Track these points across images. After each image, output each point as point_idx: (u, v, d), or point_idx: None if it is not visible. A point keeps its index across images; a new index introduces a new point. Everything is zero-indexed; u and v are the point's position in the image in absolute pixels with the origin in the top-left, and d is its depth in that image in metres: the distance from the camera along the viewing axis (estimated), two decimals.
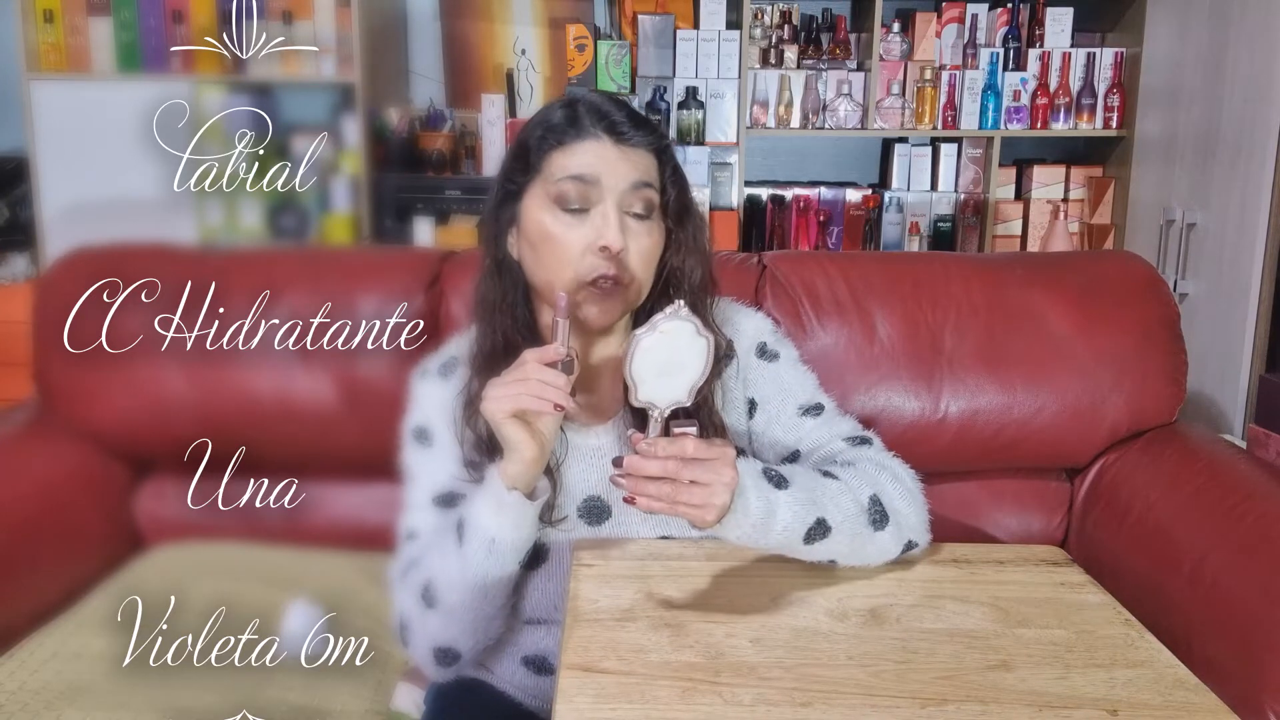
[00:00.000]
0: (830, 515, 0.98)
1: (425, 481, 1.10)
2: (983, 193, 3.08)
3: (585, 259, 1.02)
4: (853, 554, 1.01)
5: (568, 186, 1.03)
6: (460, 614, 1.02)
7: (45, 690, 1.16)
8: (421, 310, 1.46)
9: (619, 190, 1.03)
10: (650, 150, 1.06)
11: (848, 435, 1.13)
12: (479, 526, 0.99)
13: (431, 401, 1.11)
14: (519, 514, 0.99)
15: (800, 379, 1.17)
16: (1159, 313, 1.52)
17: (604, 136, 1.04)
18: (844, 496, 1.00)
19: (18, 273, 2.79)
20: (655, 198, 1.05)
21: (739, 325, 1.17)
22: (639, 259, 1.04)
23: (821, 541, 0.98)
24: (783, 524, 0.95)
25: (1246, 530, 1.21)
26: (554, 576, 1.08)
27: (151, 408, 1.46)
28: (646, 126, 1.07)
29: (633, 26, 2.96)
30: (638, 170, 1.04)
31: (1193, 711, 0.81)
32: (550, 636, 1.10)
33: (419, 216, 2.85)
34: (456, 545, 1.01)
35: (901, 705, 0.81)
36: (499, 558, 1.00)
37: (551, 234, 1.03)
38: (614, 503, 1.10)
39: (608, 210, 1.02)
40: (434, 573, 1.02)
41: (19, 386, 1.58)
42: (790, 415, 1.14)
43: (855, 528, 1.00)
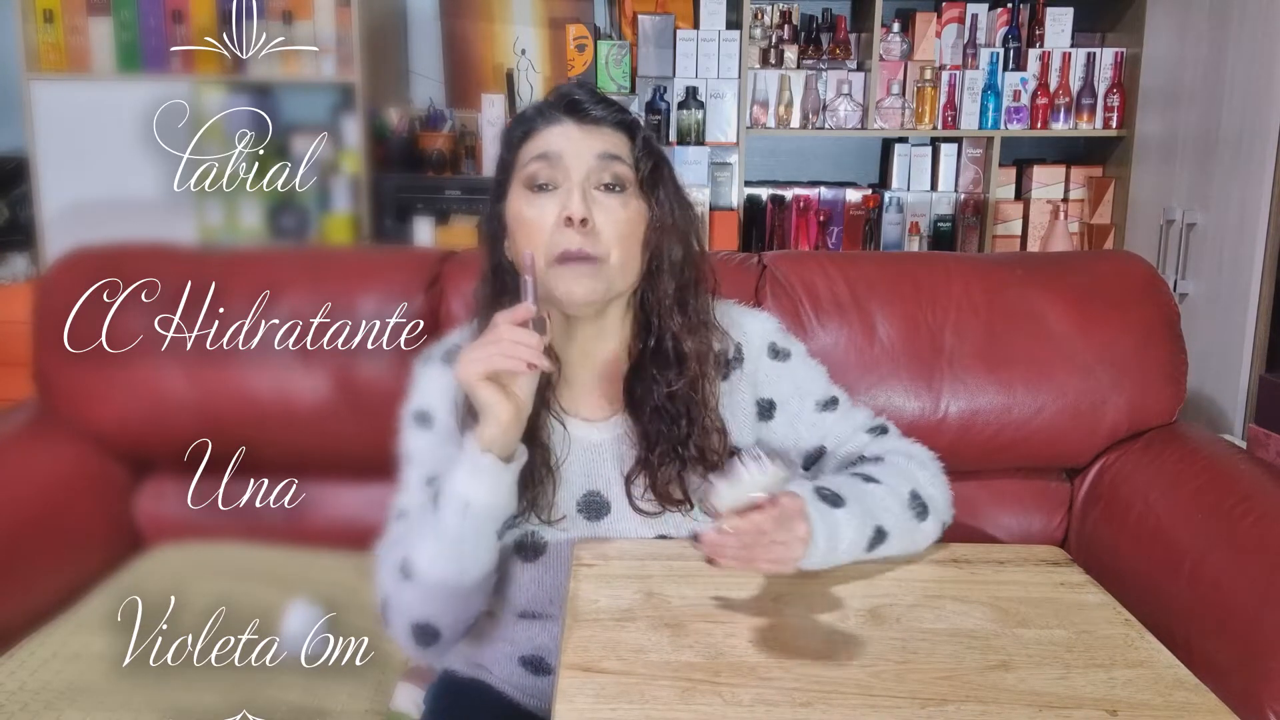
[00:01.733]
0: (885, 521, 1.03)
1: (420, 460, 1.10)
2: (983, 193, 3.08)
3: (555, 236, 1.03)
4: (904, 549, 1.07)
5: (535, 167, 1.05)
6: (437, 586, 1.01)
7: (45, 690, 1.16)
8: (421, 310, 1.46)
9: (585, 166, 1.04)
10: (616, 126, 1.08)
11: (867, 427, 1.18)
12: (453, 492, 0.99)
13: (434, 386, 1.11)
14: (494, 478, 0.98)
15: (813, 374, 1.19)
16: (1159, 313, 1.52)
17: (566, 119, 1.07)
18: (890, 499, 1.05)
19: (18, 273, 2.79)
20: (626, 172, 1.06)
21: (745, 327, 1.17)
22: (611, 230, 1.04)
23: (881, 546, 1.04)
24: (848, 541, 1.00)
25: (1246, 530, 1.21)
26: (551, 569, 1.08)
27: (151, 408, 1.46)
28: (609, 104, 1.09)
29: (633, 26, 2.96)
30: (603, 144, 1.06)
31: (1192, 711, 0.81)
32: (546, 633, 1.10)
33: (419, 216, 2.85)
34: (433, 514, 1.00)
35: (901, 705, 0.81)
36: (473, 521, 0.99)
37: (524, 216, 1.05)
38: (613, 499, 1.10)
39: (572, 185, 1.04)
40: (412, 546, 1.02)
41: (19, 386, 1.58)
42: (810, 412, 1.16)
43: (905, 526, 1.06)
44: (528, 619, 1.11)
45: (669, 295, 1.09)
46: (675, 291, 1.09)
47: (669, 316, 1.09)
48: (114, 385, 1.45)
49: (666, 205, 1.09)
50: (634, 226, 1.06)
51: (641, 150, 1.09)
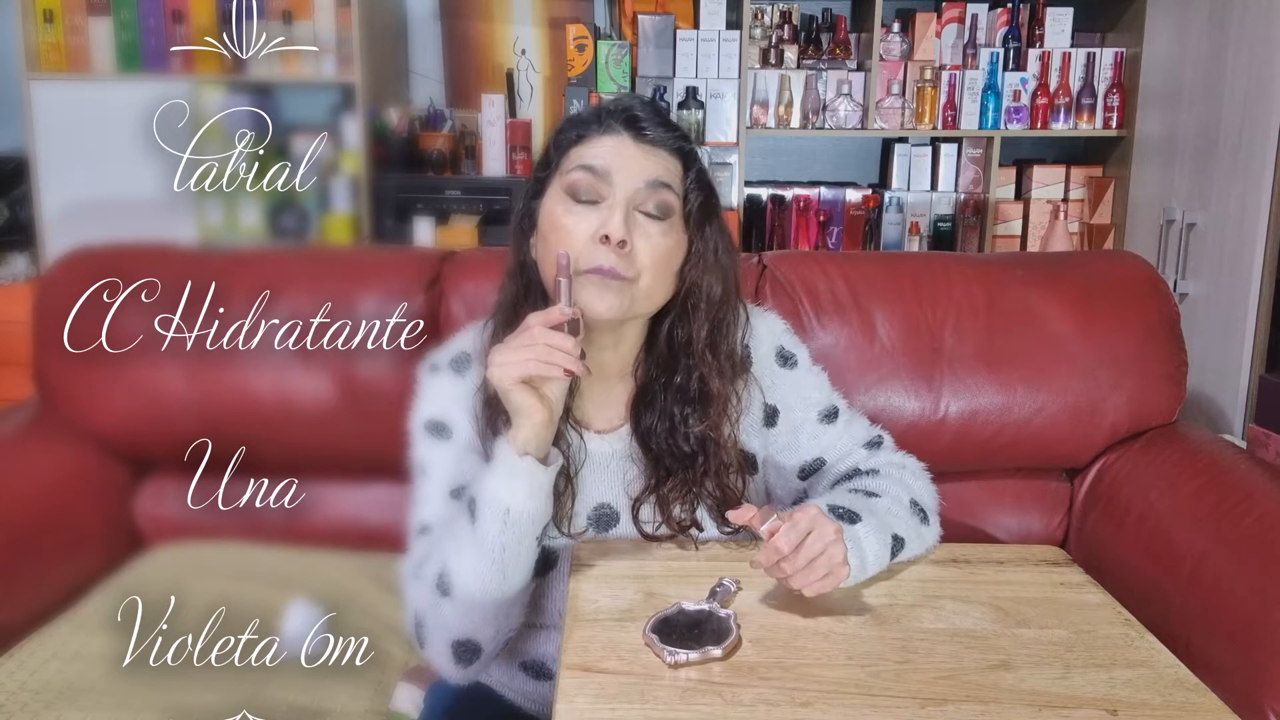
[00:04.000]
0: (899, 529, 1.04)
1: (440, 474, 1.06)
2: (983, 193, 3.08)
3: (588, 249, 0.99)
4: (915, 554, 1.08)
5: (579, 176, 1.01)
6: (479, 599, 0.97)
7: (45, 690, 1.16)
8: (421, 310, 1.46)
9: (632, 187, 1.00)
10: (673, 152, 1.04)
11: (865, 440, 1.17)
12: (492, 499, 0.95)
13: (446, 396, 1.08)
14: (533, 480, 0.95)
15: (818, 383, 1.18)
16: (1159, 313, 1.52)
17: (623, 132, 1.02)
18: (896, 507, 1.06)
19: (18, 273, 2.79)
20: (673, 201, 1.03)
21: (755, 329, 1.15)
22: (649, 257, 1.00)
23: (902, 553, 1.04)
24: (873, 554, 1.00)
25: (1246, 530, 1.21)
26: (560, 581, 1.07)
27: (151, 408, 1.46)
28: (671, 127, 1.05)
29: (633, 26, 2.96)
30: (656, 169, 1.02)
31: (1192, 711, 0.81)
32: (550, 642, 1.09)
33: (419, 216, 2.85)
34: (470, 524, 0.96)
35: (901, 705, 0.81)
36: (515, 528, 0.95)
37: (561, 224, 1.01)
38: (622, 510, 1.09)
39: (615, 204, 1.00)
40: (447, 559, 0.98)
41: (19, 386, 1.58)
42: (813, 423, 1.16)
43: (915, 531, 1.07)
44: (533, 629, 1.10)
45: (702, 337, 1.06)
46: (708, 334, 1.06)
47: (701, 356, 1.06)
48: (114, 385, 1.45)
49: (711, 242, 1.06)
50: (671, 256, 1.03)
51: (694, 181, 1.05)
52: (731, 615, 0.91)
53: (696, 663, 0.85)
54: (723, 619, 0.91)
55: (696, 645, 0.86)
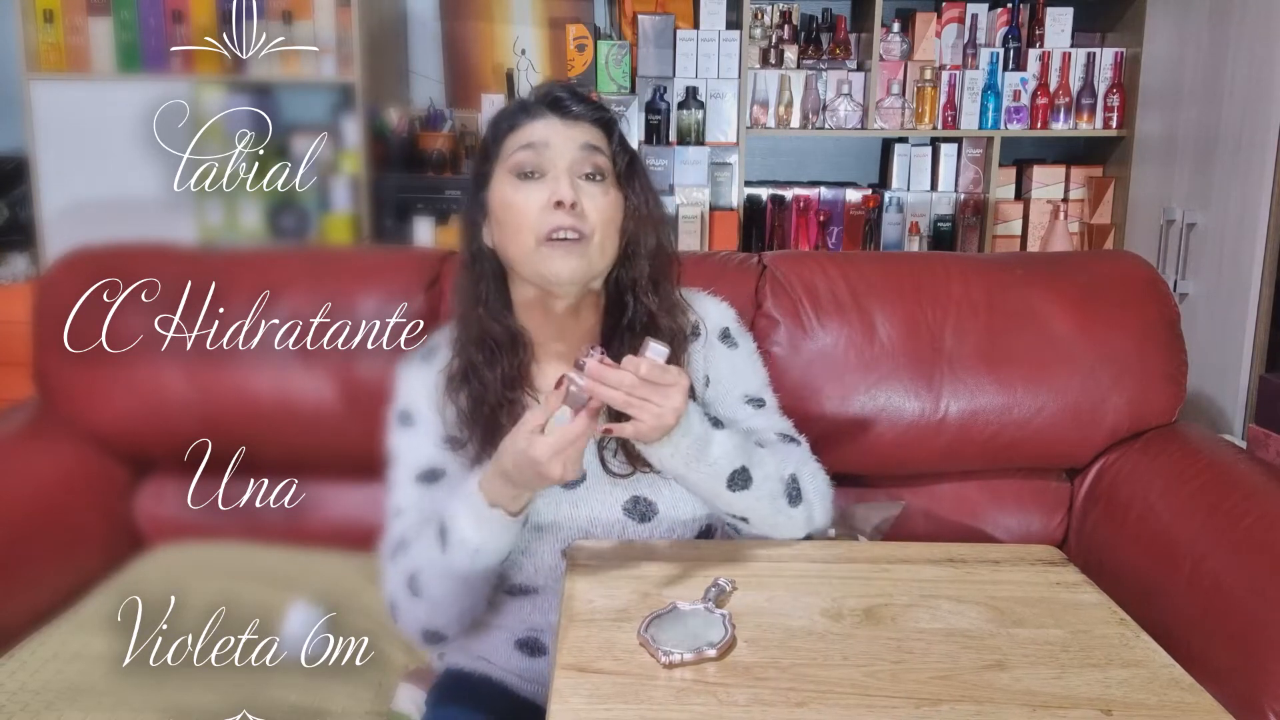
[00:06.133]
0: (754, 470, 1.06)
1: (408, 459, 1.15)
2: (983, 193, 3.08)
3: (543, 218, 1.08)
4: (765, 519, 1.09)
5: (522, 155, 1.10)
6: (445, 605, 1.08)
7: (45, 690, 1.16)
8: (421, 310, 1.46)
9: (569, 155, 1.10)
10: (594, 123, 1.14)
11: (781, 431, 1.19)
12: (462, 540, 1.03)
13: (413, 385, 1.17)
14: (502, 527, 1.03)
15: (753, 371, 1.23)
16: (1159, 313, 1.52)
17: (550, 114, 1.12)
18: (770, 461, 1.09)
19: (18, 273, 2.80)
20: (605, 163, 1.12)
21: (705, 310, 1.23)
22: (597, 215, 1.09)
23: (742, 491, 1.06)
24: (714, 456, 1.03)
25: (1246, 530, 1.21)
26: (537, 541, 1.12)
27: (151, 408, 1.46)
28: (588, 102, 1.15)
29: (633, 26, 2.96)
30: (585, 136, 1.12)
31: (1188, 711, 0.82)
32: (538, 611, 1.13)
33: (419, 216, 2.85)
34: (440, 548, 1.04)
35: (897, 705, 0.81)
36: (484, 561, 1.05)
37: (511, 202, 1.10)
38: (586, 465, 1.12)
39: (559, 173, 1.09)
40: (419, 565, 1.07)
41: (19, 386, 1.58)
42: (735, 399, 1.20)
43: (774, 492, 1.08)
44: (518, 595, 1.14)
45: (644, 277, 1.15)
46: (649, 274, 1.15)
47: (644, 295, 1.15)
48: (114, 385, 1.46)
49: (641, 196, 1.15)
50: (614, 212, 1.12)
51: (618, 145, 1.15)
52: (727, 615, 0.92)
53: (691, 663, 0.86)
54: (718, 619, 0.91)
55: (692, 645, 0.87)
